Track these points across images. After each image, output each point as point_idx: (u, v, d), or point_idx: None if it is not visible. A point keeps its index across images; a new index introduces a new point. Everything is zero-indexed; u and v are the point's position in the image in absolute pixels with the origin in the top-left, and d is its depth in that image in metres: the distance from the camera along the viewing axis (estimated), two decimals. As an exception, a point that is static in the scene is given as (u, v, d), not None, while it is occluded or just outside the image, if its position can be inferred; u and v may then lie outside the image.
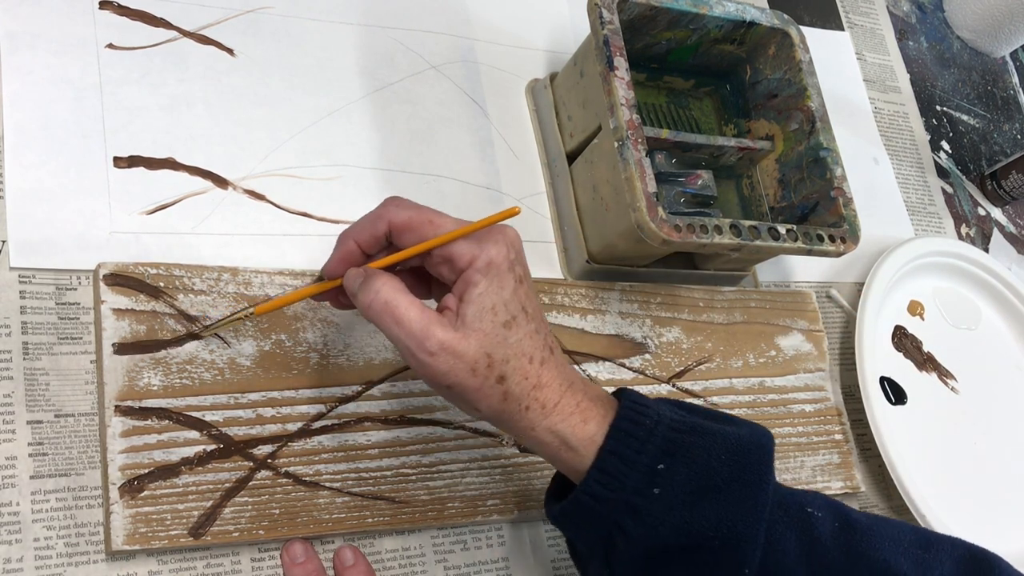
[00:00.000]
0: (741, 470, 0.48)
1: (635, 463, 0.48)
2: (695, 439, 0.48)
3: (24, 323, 0.53)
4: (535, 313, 0.50)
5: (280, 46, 0.67)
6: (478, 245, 0.48)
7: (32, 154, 0.57)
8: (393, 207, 0.50)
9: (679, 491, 0.47)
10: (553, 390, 0.50)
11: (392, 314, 0.47)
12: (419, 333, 0.47)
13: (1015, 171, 0.95)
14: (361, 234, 0.50)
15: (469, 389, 0.48)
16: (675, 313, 0.71)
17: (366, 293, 0.48)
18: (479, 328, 0.47)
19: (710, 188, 0.72)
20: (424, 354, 0.47)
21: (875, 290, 0.79)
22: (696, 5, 0.70)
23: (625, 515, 0.48)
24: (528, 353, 0.49)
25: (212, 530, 0.53)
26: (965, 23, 1.05)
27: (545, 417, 0.49)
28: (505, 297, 0.48)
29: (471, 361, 0.47)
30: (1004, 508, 0.80)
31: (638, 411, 0.49)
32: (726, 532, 0.47)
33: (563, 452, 0.50)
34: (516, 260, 0.49)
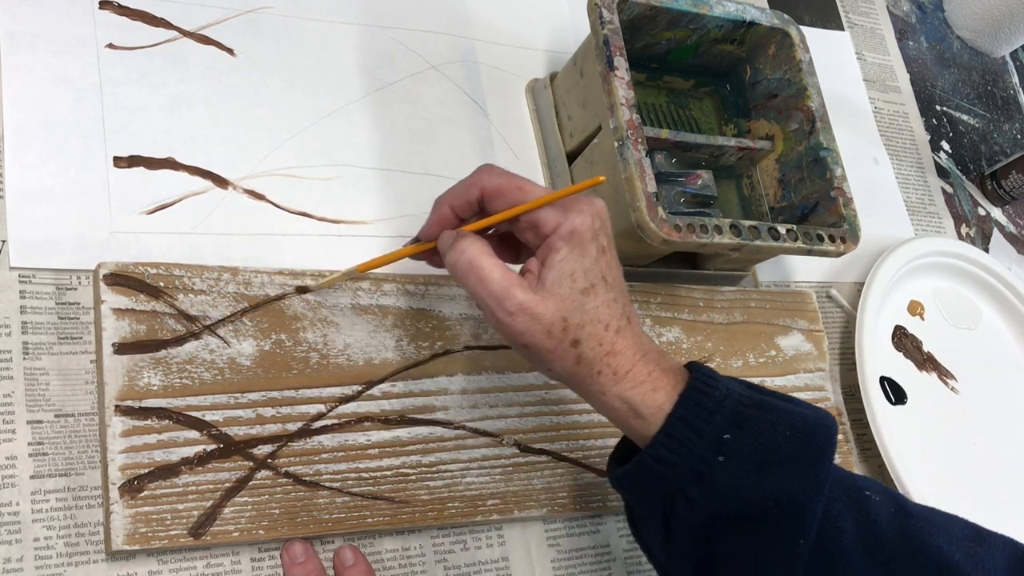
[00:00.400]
0: (804, 447, 0.49)
1: (702, 431, 0.49)
2: (762, 413, 0.50)
3: (24, 323, 0.53)
4: (615, 282, 0.51)
5: (280, 46, 0.67)
6: (563, 213, 0.50)
7: (32, 154, 0.57)
8: (486, 174, 0.52)
9: (743, 461, 0.49)
10: (626, 358, 0.51)
11: (476, 273, 0.49)
12: (500, 293, 0.49)
13: (1015, 171, 0.95)
14: (455, 199, 0.52)
15: (544, 350, 0.50)
16: (675, 313, 0.71)
17: (453, 253, 0.50)
18: (557, 292, 0.49)
19: (710, 188, 0.72)
20: (503, 313, 0.49)
21: (875, 290, 0.79)
22: (696, 5, 0.70)
23: (689, 480, 0.49)
24: (604, 320, 0.50)
25: (212, 530, 0.53)
26: (965, 23, 1.05)
27: (616, 383, 0.51)
28: (586, 265, 0.50)
29: (548, 323, 0.49)
30: (1004, 508, 0.80)
31: (708, 383, 0.51)
32: (786, 503, 0.49)
33: (631, 419, 0.51)
34: (601, 230, 0.51)
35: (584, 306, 0.50)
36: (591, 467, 0.64)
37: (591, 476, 0.64)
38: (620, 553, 0.65)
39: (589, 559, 0.64)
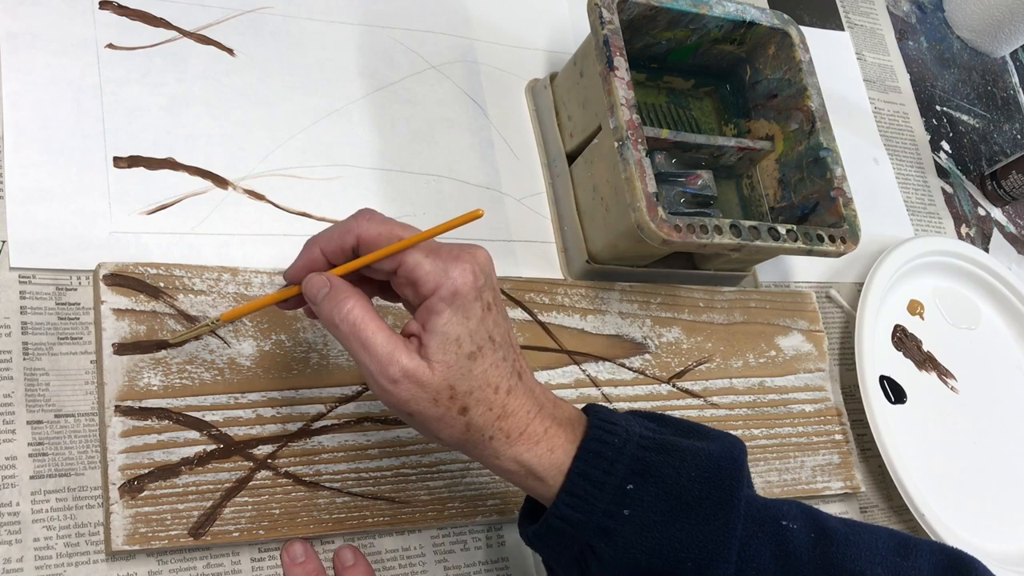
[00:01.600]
0: (711, 487, 0.48)
1: (604, 484, 0.48)
2: (664, 457, 0.48)
3: (24, 323, 0.53)
4: (503, 340, 0.49)
5: (280, 46, 0.67)
6: (444, 271, 0.47)
7: (32, 154, 0.57)
8: (365, 220, 0.48)
9: (649, 511, 0.47)
10: (519, 418, 0.49)
11: (359, 336, 0.46)
12: (384, 359, 0.46)
13: (1015, 171, 0.95)
14: (329, 244, 0.49)
15: (431, 419, 0.47)
16: (675, 313, 0.71)
17: (334, 310, 0.47)
18: (443, 360, 0.46)
19: (710, 188, 0.72)
20: (386, 380, 0.46)
21: (875, 289, 0.79)
22: (696, 5, 0.70)
23: (597, 537, 0.48)
24: (494, 383, 0.48)
25: (212, 530, 0.53)
26: (965, 23, 1.05)
27: (510, 447, 0.48)
28: (471, 327, 0.47)
29: (433, 391, 0.47)
30: (1004, 507, 0.80)
31: (606, 430, 0.49)
32: (698, 552, 0.47)
33: (530, 480, 0.49)
34: (485, 286, 0.48)
35: (472, 371, 0.47)
36: (591, 467, 0.64)
37: (591, 476, 0.64)
38: (620, 553, 0.65)
39: (589, 559, 0.64)
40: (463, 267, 0.47)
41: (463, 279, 0.47)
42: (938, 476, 0.78)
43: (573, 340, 0.67)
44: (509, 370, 0.49)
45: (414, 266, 0.47)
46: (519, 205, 0.70)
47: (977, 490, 0.80)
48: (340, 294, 0.47)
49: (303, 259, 0.50)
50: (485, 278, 0.48)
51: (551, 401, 0.50)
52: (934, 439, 0.80)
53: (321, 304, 0.48)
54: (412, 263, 0.47)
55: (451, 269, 0.47)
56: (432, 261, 0.47)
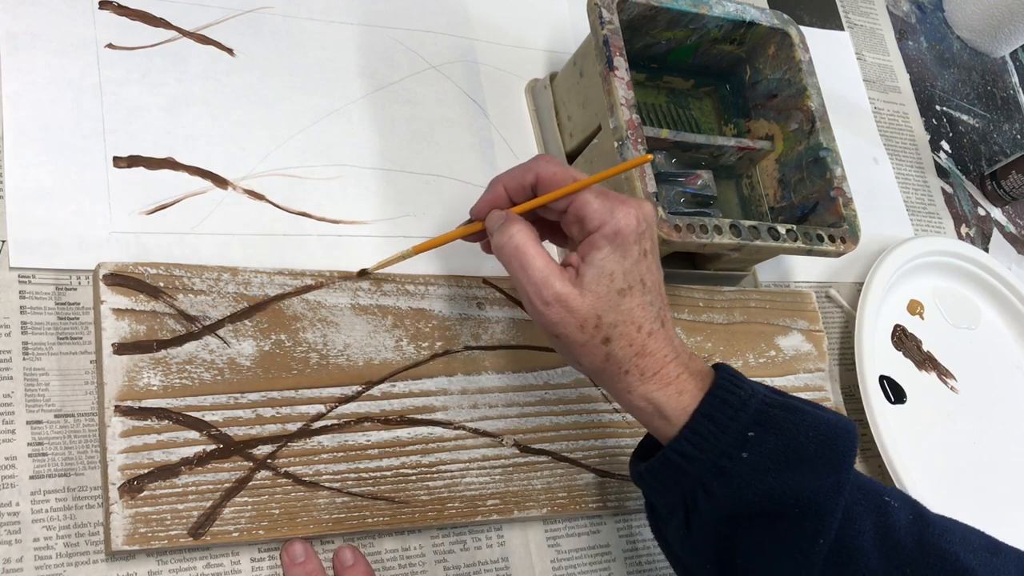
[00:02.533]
0: (826, 449, 0.50)
1: (727, 427, 0.50)
2: (786, 414, 0.51)
3: (24, 323, 0.53)
4: (653, 285, 0.52)
5: (280, 46, 0.67)
6: (610, 212, 0.51)
7: (32, 154, 0.57)
8: (544, 162, 0.53)
9: (766, 458, 0.49)
10: (656, 359, 0.52)
11: (520, 259, 0.51)
12: (540, 281, 0.50)
13: (1015, 171, 0.95)
14: (511, 181, 0.54)
15: (575, 343, 0.51)
16: (675, 313, 0.71)
17: (501, 235, 0.52)
18: (594, 290, 0.50)
19: (710, 188, 0.72)
20: (540, 301, 0.50)
21: (874, 289, 0.79)
22: (696, 5, 0.70)
23: (712, 476, 0.50)
24: (638, 322, 0.51)
25: (212, 530, 0.53)
26: (965, 23, 1.05)
27: (643, 383, 0.52)
28: (626, 266, 0.51)
29: (581, 318, 0.50)
30: (1003, 507, 0.80)
31: (735, 383, 0.52)
32: (807, 502, 0.49)
33: (656, 419, 0.52)
34: (646, 232, 0.51)
35: (619, 306, 0.51)
36: (591, 467, 0.64)
37: (591, 476, 0.64)
38: (620, 553, 0.65)
39: (589, 559, 0.64)
40: (628, 211, 0.51)
41: (627, 221, 0.50)
42: (938, 476, 0.78)
43: (573, 340, 0.66)
44: (654, 314, 0.52)
45: (584, 204, 0.51)
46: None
47: (977, 490, 0.80)
48: (512, 224, 0.52)
49: (488, 195, 0.55)
50: (647, 226, 0.52)
51: (687, 353, 0.53)
52: (934, 439, 0.80)
53: (496, 234, 0.52)
54: (582, 201, 0.51)
55: (617, 211, 0.51)
56: (601, 201, 0.51)
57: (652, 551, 0.66)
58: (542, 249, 0.51)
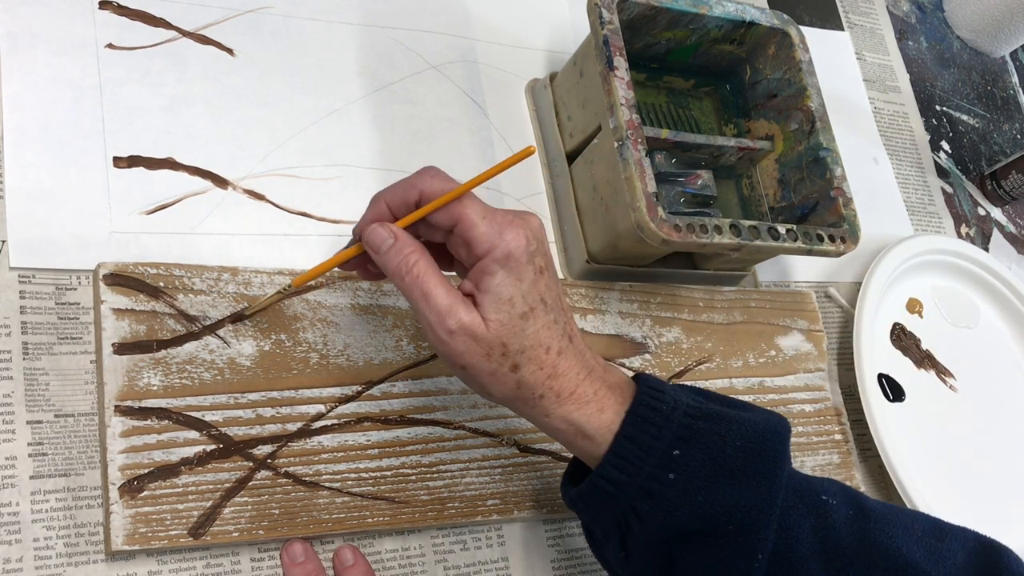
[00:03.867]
0: (755, 457, 0.49)
1: (651, 448, 0.49)
2: (710, 425, 0.49)
3: (24, 323, 0.53)
4: (554, 303, 0.50)
5: (280, 46, 0.67)
6: (498, 234, 0.48)
7: (32, 154, 0.57)
8: (428, 177, 0.50)
9: (694, 477, 0.48)
10: (569, 379, 0.50)
11: (421, 287, 0.49)
12: (443, 311, 0.48)
13: (1015, 171, 0.95)
14: (393, 198, 0.51)
15: (483, 373, 0.49)
16: (675, 313, 0.71)
17: (400, 260, 0.49)
18: (496, 318, 0.48)
19: (710, 188, 0.72)
20: (444, 331, 0.48)
21: (873, 288, 0.79)
22: (696, 5, 0.70)
23: (640, 499, 0.49)
24: (545, 343, 0.49)
25: (212, 530, 0.53)
26: (965, 23, 1.05)
27: (560, 406, 0.50)
28: (523, 289, 0.49)
29: (487, 347, 0.48)
30: (1002, 506, 0.80)
31: (655, 397, 0.50)
32: (740, 517, 0.48)
33: (578, 440, 0.50)
34: (537, 251, 0.49)
35: (524, 330, 0.49)
36: (591, 467, 0.64)
37: (591, 476, 0.64)
38: (620, 553, 0.65)
39: (589, 559, 0.64)
40: (516, 231, 0.49)
41: (516, 242, 0.48)
42: (936, 474, 0.78)
43: (573, 340, 0.66)
44: (560, 332, 0.50)
45: (469, 226, 0.49)
46: (519, 205, 0.70)
47: (976, 488, 0.80)
48: (406, 246, 0.49)
49: (370, 213, 0.52)
50: (537, 243, 0.50)
51: (601, 366, 0.52)
52: (933, 438, 0.80)
53: (386, 255, 0.50)
54: (468, 223, 0.49)
55: (505, 232, 0.48)
56: (488, 223, 0.49)
57: (652, 551, 0.66)
58: (443, 276, 0.49)
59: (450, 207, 0.49)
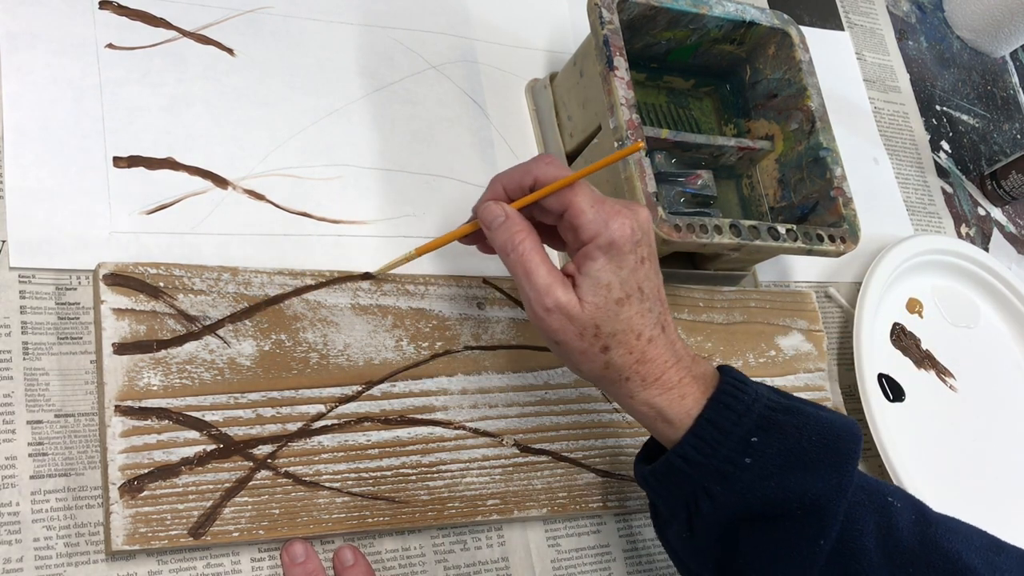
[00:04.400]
0: (829, 451, 0.50)
1: (730, 433, 0.50)
2: (789, 418, 0.51)
3: (24, 323, 0.53)
4: (651, 292, 0.52)
5: (280, 46, 0.67)
6: (604, 223, 0.51)
7: (32, 154, 0.57)
8: (543, 164, 0.53)
9: (769, 463, 0.50)
10: (656, 365, 0.52)
11: (524, 265, 0.51)
12: (542, 288, 0.51)
13: (1015, 171, 0.95)
14: (510, 182, 0.54)
15: (575, 351, 0.52)
16: (675, 313, 0.71)
17: (507, 237, 0.52)
18: (592, 300, 0.51)
19: (710, 188, 0.72)
20: (541, 308, 0.51)
21: (873, 287, 0.79)
22: (696, 5, 0.70)
23: (714, 480, 0.50)
24: (637, 330, 0.52)
25: (212, 530, 0.53)
26: (965, 23, 1.05)
27: (644, 389, 0.52)
28: (622, 276, 0.51)
29: (580, 326, 0.51)
30: (1003, 505, 0.80)
31: (738, 387, 0.52)
32: (809, 504, 0.50)
33: (659, 423, 0.53)
34: (641, 241, 0.52)
35: (618, 315, 0.51)
36: (591, 467, 0.64)
37: (591, 476, 0.64)
38: (620, 553, 0.65)
39: (589, 559, 0.64)
40: (622, 221, 0.51)
41: (621, 232, 0.51)
42: (936, 474, 0.78)
43: (573, 340, 0.66)
44: (653, 321, 0.52)
45: (578, 213, 0.51)
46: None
47: (976, 488, 0.80)
48: (515, 225, 0.52)
49: (488, 194, 0.55)
50: (643, 234, 0.52)
51: (689, 356, 0.54)
52: (932, 437, 0.80)
53: (496, 231, 0.53)
54: (577, 210, 0.51)
55: (611, 221, 0.51)
56: (595, 211, 0.51)
57: (652, 551, 0.66)
58: (546, 256, 0.52)
59: (562, 193, 0.52)
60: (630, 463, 0.65)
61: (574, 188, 0.52)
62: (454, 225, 0.67)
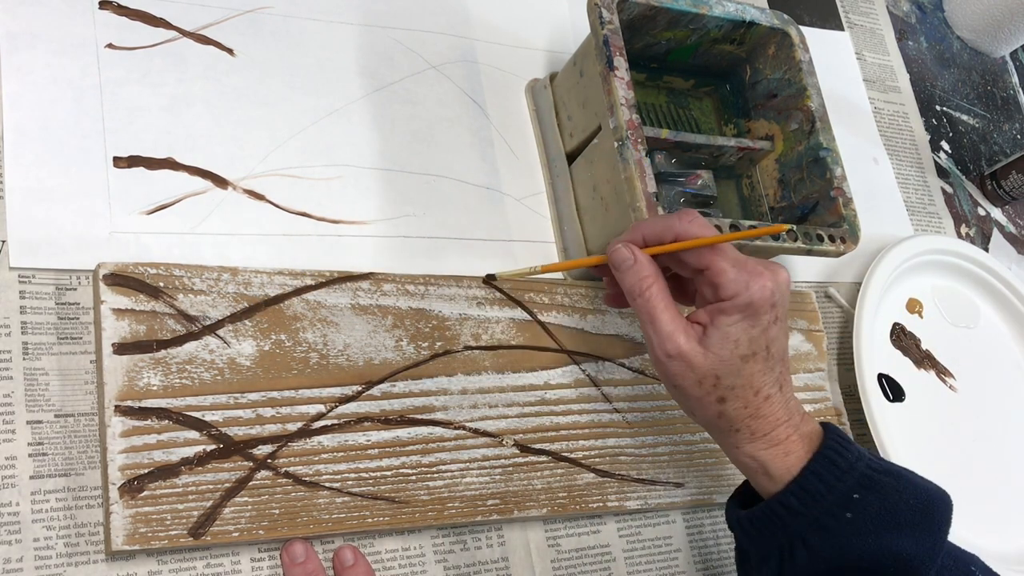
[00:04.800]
0: (925, 516, 0.52)
1: (834, 487, 0.52)
2: (891, 480, 0.53)
3: (24, 323, 0.53)
4: (777, 352, 0.54)
5: (280, 46, 0.67)
6: (745, 284, 0.52)
7: (32, 154, 0.57)
8: (686, 222, 0.54)
9: (868, 520, 0.52)
10: (768, 422, 0.54)
11: (650, 310, 0.53)
12: (665, 334, 0.53)
13: (1015, 171, 0.95)
14: (651, 233, 0.55)
15: (691, 397, 0.54)
16: (675, 313, 0.71)
17: (636, 281, 0.54)
18: (717, 352, 0.52)
19: (710, 188, 0.72)
20: (663, 353, 0.53)
21: (873, 287, 0.79)
22: (696, 5, 0.70)
23: (813, 532, 0.52)
24: (756, 386, 0.53)
25: (212, 530, 0.53)
26: (965, 23, 1.05)
27: (751, 443, 0.54)
28: (753, 334, 0.53)
29: (700, 375, 0.53)
30: (1002, 505, 0.80)
31: (843, 445, 0.54)
32: (903, 565, 0.51)
33: (759, 476, 0.55)
34: (778, 303, 0.53)
35: (740, 371, 0.53)
36: (591, 467, 0.64)
37: (591, 476, 0.64)
38: (620, 553, 0.65)
39: (589, 559, 0.64)
40: (763, 284, 0.52)
41: (761, 295, 0.52)
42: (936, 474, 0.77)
43: (573, 340, 0.67)
44: (773, 379, 0.54)
45: (719, 272, 0.53)
46: (519, 205, 0.70)
47: (976, 488, 0.80)
48: (644, 270, 0.54)
49: (625, 237, 0.56)
50: (780, 296, 0.53)
51: (799, 414, 0.55)
52: (933, 438, 0.80)
53: (624, 273, 0.55)
54: (718, 269, 0.53)
55: (752, 283, 0.52)
56: (737, 271, 0.53)
57: (652, 551, 0.66)
58: (671, 302, 0.54)
59: (703, 251, 0.53)
60: (630, 463, 0.66)
61: (716, 248, 0.53)
62: (455, 223, 0.67)
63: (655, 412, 0.68)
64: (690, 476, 0.68)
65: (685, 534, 0.68)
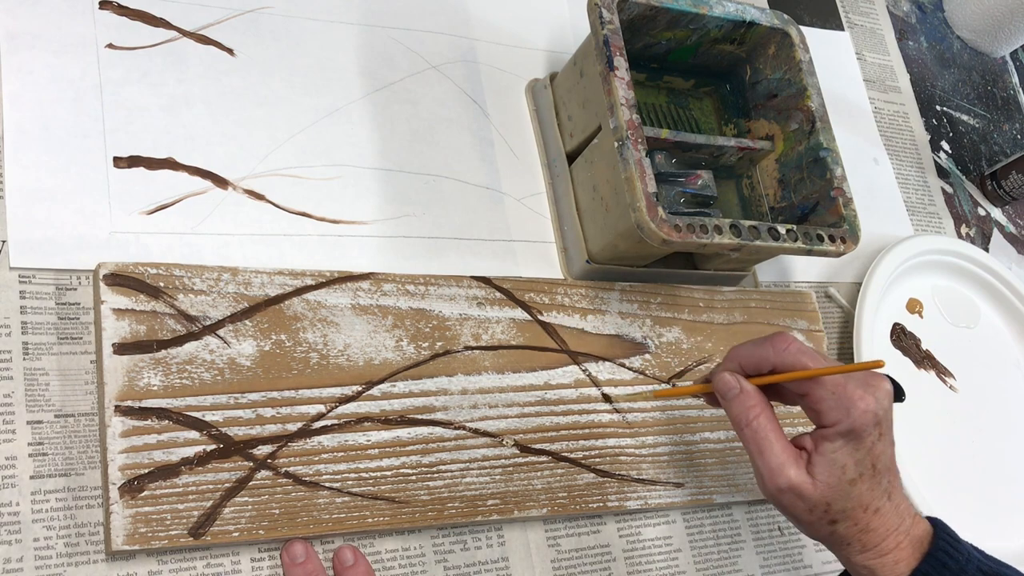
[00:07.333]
0: None
1: None
2: None
3: (24, 323, 0.53)
4: (884, 466, 0.55)
5: (280, 46, 0.67)
6: (846, 411, 0.53)
7: (32, 154, 0.57)
8: (781, 350, 0.55)
9: None
10: (878, 534, 0.54)
11: (758, 443, 0.54)
12: (775, 467, 0.53)
13: (1015, 171, 0.95)
14: (748, 360, 0.56)
15: (802, 522, 0.55)
16: (675, 313, 0.71)
17: (742, 412, 0.55)
18: (825, 480, 0.53)
19: (710, 188, 0.72)
20: (774, 487, 0.54)
21: (873, 288, 0.79)
22: (696, 5, 0.70)
23: None
24: (865, 503, 0.54)
25: (212, 530, 0.53)
26: (965, 23, 1.05)
27: (863, 554, 0.55)
28: (858, 457, 0.53)
29: (811, 504, 0.54)
30: (1002, 505, 0.80)
31: (953, 546, 0.55)
32: None
33: None
34: (882, 419, 0.54)
35: (849, 494, 0.53)
36: (591, 467, 0.64)
37: (591, 476, 0.64)
38: (620, 553, 0.65)
39: (589, 559, 0.64)
40: (864, 407, 0.53)
41: (863, 419, 0.53)
42: (936, 474, 0.78)
43: (573, 340, 0.67)
44: (881, 492, 0.55)
45: (819, 399, 0.53)
46: (519, 205, 0.70)
47: (976, 488, 0.80)
48: (750, 400, 0.55)
49: (724, 364, 0.58)
50: (883, 413, 0.54)
51: (911, 517, 0.56)
52: (932, 437, 0.80)
53: (731, 402, 0.56)
54: (817, 397, 0.54)
55: (853, 408, 0.53)
56: (836, 399, 0.53)
57: (652, 551, 0.66)
58: (780, 432, 0.54)
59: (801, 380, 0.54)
60: (630, 463, 0.66)
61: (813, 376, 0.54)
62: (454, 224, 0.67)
63: (655, 412, 0.68)
64: (690, 476, 0.68)
65: (685, 534, 0.68)
